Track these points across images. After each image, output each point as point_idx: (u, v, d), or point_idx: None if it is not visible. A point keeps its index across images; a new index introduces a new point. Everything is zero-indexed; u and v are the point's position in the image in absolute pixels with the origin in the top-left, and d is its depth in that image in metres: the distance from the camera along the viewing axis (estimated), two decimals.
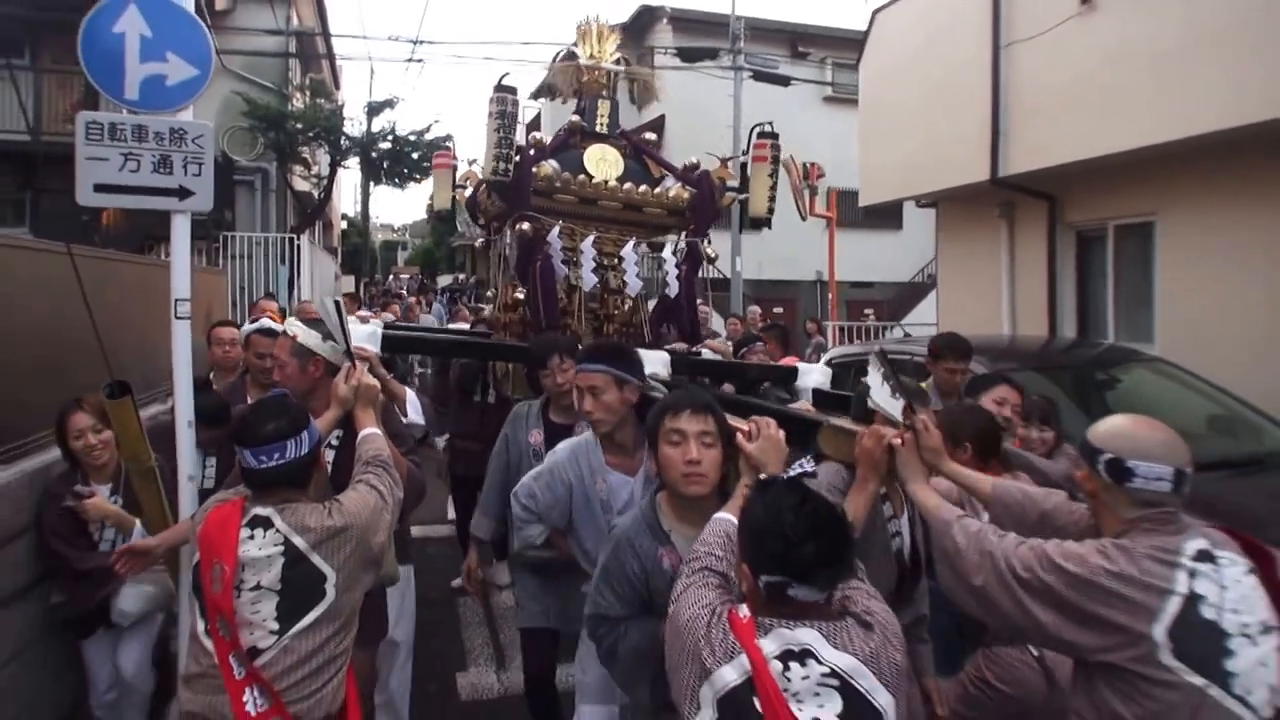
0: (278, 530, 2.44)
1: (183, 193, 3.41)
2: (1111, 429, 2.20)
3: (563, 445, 3.43)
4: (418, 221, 67.31)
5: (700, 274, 5.39)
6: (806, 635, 1.85)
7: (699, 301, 5.77)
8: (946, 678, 3.25)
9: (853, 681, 1.81)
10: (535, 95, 30.00)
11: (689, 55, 18.36)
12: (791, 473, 2.30)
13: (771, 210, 5.26)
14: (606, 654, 2.55)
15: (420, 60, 41.38)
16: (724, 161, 5.43)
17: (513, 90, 4.74)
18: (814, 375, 4.91)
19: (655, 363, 4.03)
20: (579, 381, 3.23)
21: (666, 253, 4.97)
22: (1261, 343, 6.60)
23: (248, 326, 4.58)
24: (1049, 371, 5.91)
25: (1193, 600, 2.01)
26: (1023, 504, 2.57)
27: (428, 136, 19.24)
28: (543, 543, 3.42)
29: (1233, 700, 1.97)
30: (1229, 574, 2.05)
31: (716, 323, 10.32)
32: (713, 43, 19.27)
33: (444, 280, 43.30)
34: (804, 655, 1.83)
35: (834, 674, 1.81)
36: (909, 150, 10.63)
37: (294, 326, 3.31)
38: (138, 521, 3.57)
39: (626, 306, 5.16)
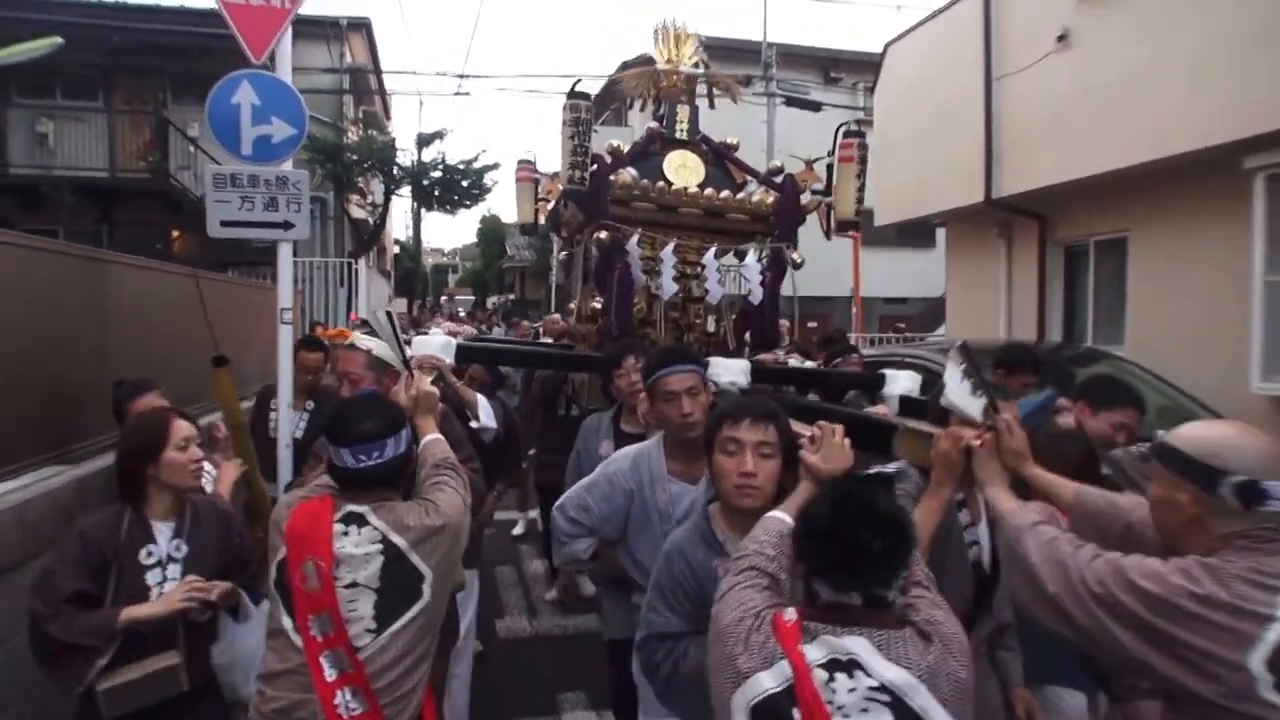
0: (374, 528, 2.38)
1: (286, 225, 4.38)
2: (1227, 442, 1.87)
3: (622, 453, 3.33)
4: (467, 245, 67.67)
5: (785, 280, 5.12)
6: (856, 644, 1.70)
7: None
8: (1041, 685, 3.04)
9: (905, 698, 1.66)
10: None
11: (723, 89, 19.30)
12: (874, 470, 2.31)
13: (859, 213, 5.05)
14: (665, 681, 2.41)
15: (467, 93, 42.44)
16: (809, 164, 5.28)
17: (586, 97, 4.63)
18: (901, 382, 4.72)
19: (736, 371, 4.02)
20: (674, 385, 3.05)
21: (750, 259, 4.76)
22: (1210, 346, 7.17)
23: None
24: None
25: None
26: (1108, 513, 2.31)
27: (476, 165, 20.34)
28: (589, 558, 3.31)
29: None
30: None
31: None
32: (746, 69, 19.75)
33: (492, 300, 43.51)
34: (851, 666, 1.69)
35: (884, 688, 1.67)
36: (916, 173, 11.35)
37: (366, 341, 3.47)
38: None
39: (709, 315, 4.99)
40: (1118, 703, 3.01)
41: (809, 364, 5.68)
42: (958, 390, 2.55)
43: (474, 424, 3.88)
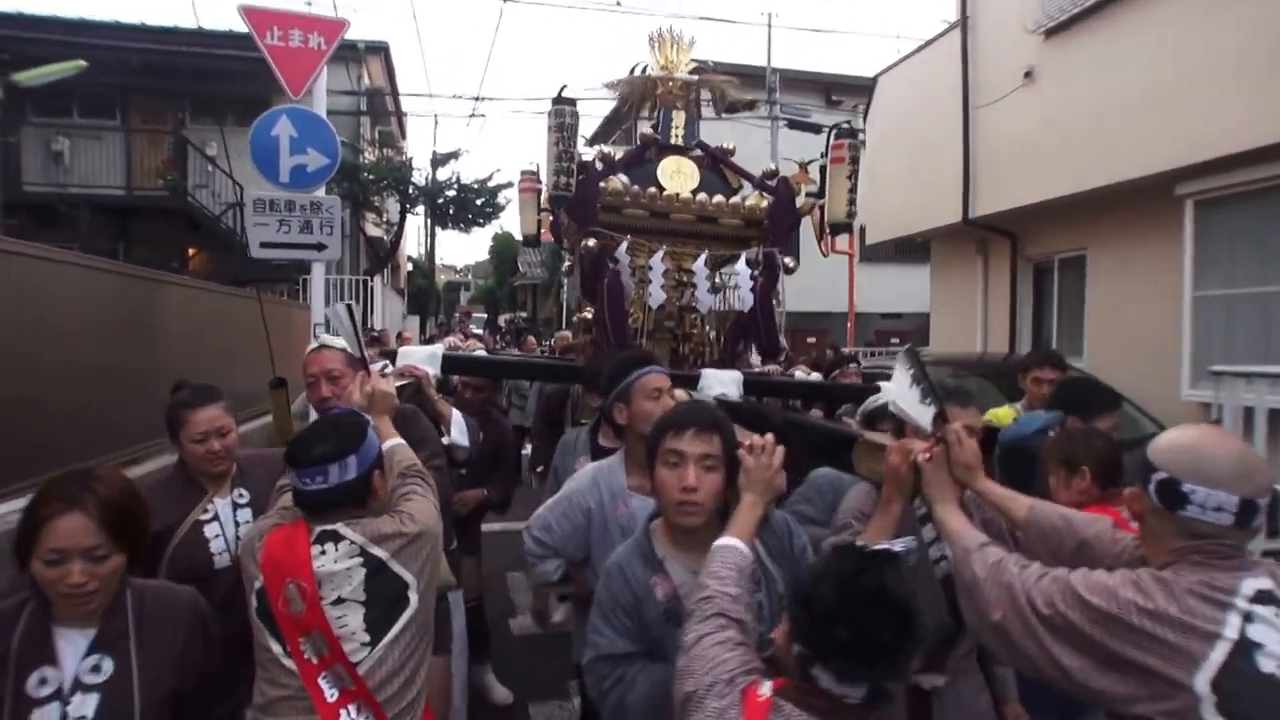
0: (351, 542, 2.31)
1: (319, 247, 4.99)
2: (1174, 442, 1.81)
3: (584, 470, 3.27)
4: (480, 262, 67.44)
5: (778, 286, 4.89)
6: None
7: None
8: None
9: None
10: (591, 142, 31.65)
11: (729, 107, 19.93)
12: (879, 546, 1.96)
13: (852, 214, 4.85)
14: (614, 709, 2.23)
15: (482, 115, 42.89)
16: (803, 166, 5.33)
17: (571, 102, 4.52)
18: (899, 379, 4.36)
19: (726, 383, 3.94)
20: (651, 383, 3.05)
21: (740, 264, 4.59)
22: (1151, 357, 7.71)
23: None
24: (992, 377, 7.43)
25: (1244, 647, 1.66)
26: (1061, 530, 2.20)
27: (490, 184, 20.96)
28: (560, 578, 3.21)
29: None
30: None
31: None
32: (751, 93, 20.72)
33: (504, 319, 44.00)
34: None
35: None
36: (904, 194, 11.94)
37: (339, 340, 3.38)
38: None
39: (704, 324, 4.86)
40: None
41: (815, 375, 5.42)
42: (906, 397, 2.43)
43: (445, 439, 3.69)
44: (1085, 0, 8.31)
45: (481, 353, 5.39)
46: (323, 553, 2.27)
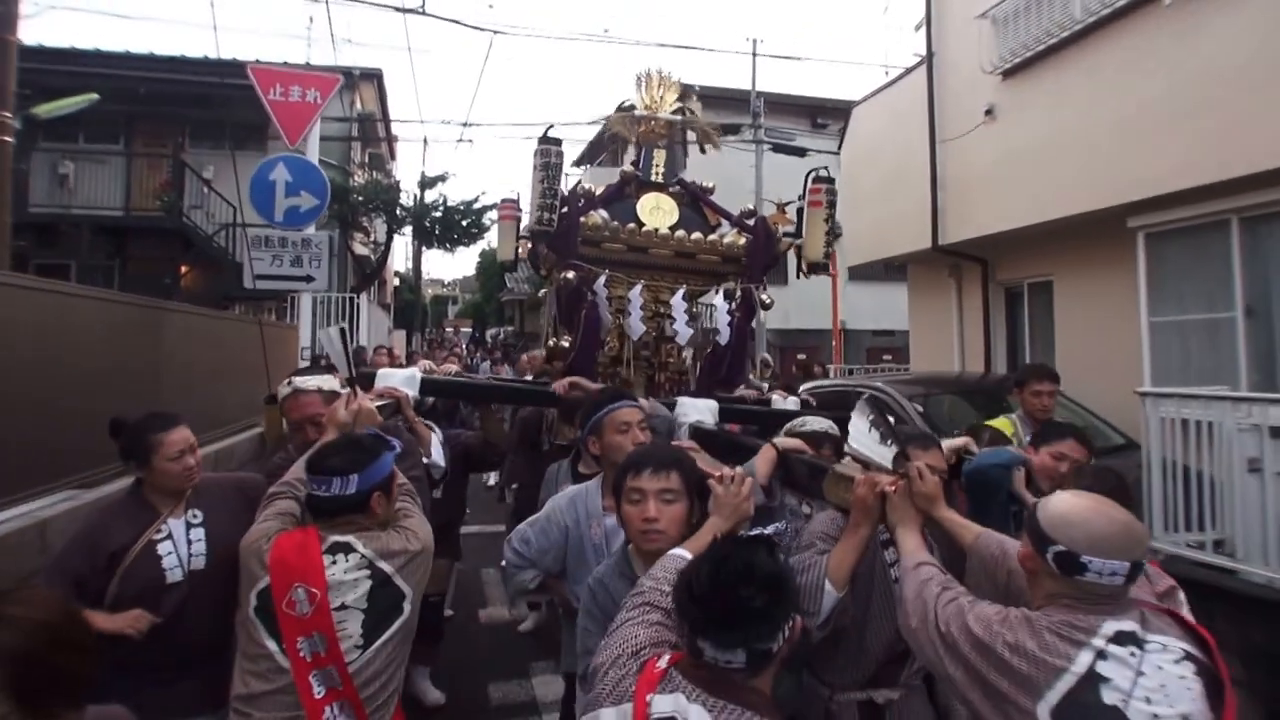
0: (362, 555, 2.52)
1: (308, 279, 5.40)
2: (1067, 517, 1.98)
3: (564, 491, 3.47)
4: (467, 277, 67.57)
5: (755, 321, 5.11)
6: (694, 712, 1.69)
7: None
8: None
9: None
10: (577, 163, 32.00)
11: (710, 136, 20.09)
12: (753, 532, 2.33)
13: (828, 255, 5.11)
14: None
15: (470, 140, 43.39)
16: (780, 207, 5.41)
17: (557, 142, 4.69)
18: (857, 424, 4.17)
19: (703, 410, 4.08)
20: (626, 416, 3.26)
21: (719, 299, 4.83)
22: (1116, 376, 7.86)
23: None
24: (965, 394, 8.04)
25: (1091, 681, 1.82)
26: (998, 558, 2.41)
27: (476, 206, 21.20)
28: (536, 587, 3.41)
29: None
30: (1153, 660, 1.83)
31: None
32: (739, 116, 20.74)
33: (491, 333, 43.66)
34: None
35: None
36: (878, 219, 12.32)
37: (311, 381, 3.59)
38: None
39: (681, 355, 5.05)
40: None
41: (792, 399, 5.45)
42: (865, 440, 2.69)
43: (424, 460, 3.82)
44: (1036, 45, 8.74)
45: (452, 369, 5.51)
46: (334, 562, 2.48)
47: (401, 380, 4.01)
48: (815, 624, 2.48)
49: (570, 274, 4.62)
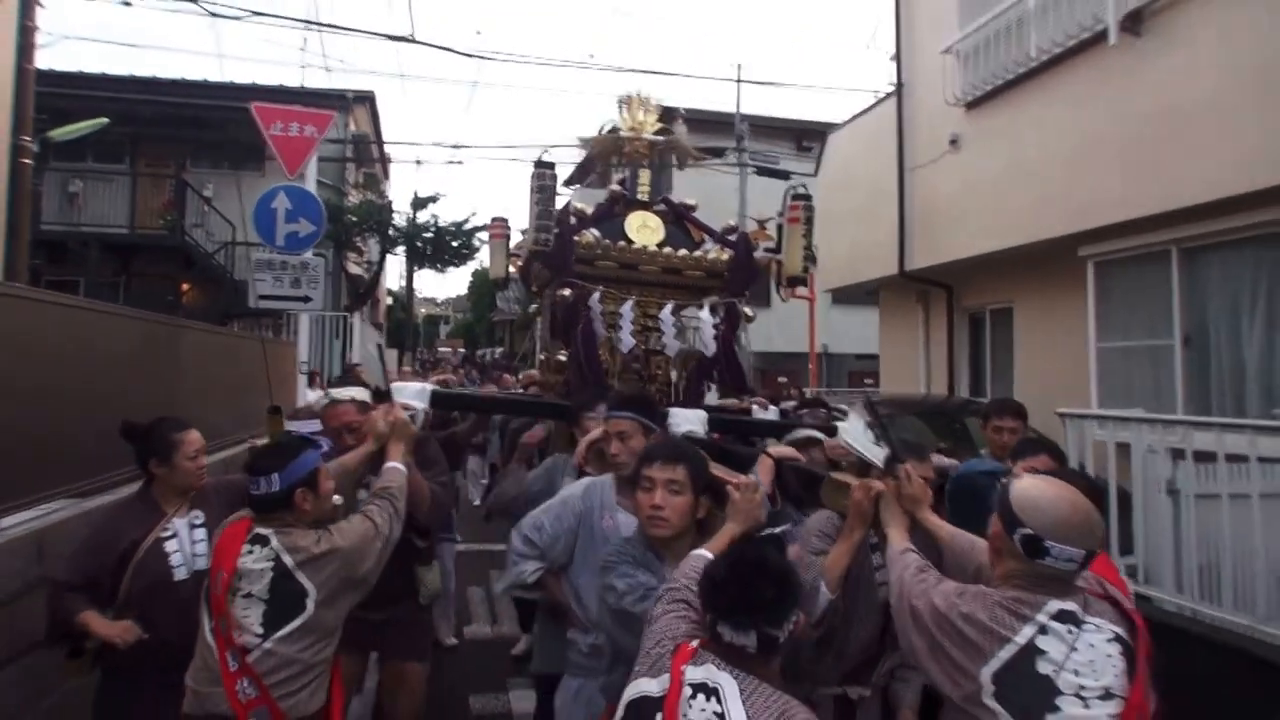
0: (272, 548, 2.70)
1: (306, 299, 5.82)
2: (1036, 500, 2.18)
3: (579, 482, 3.61)
4: (459, 296, 68.34)
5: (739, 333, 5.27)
6: (723, 678, 1.99)
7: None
8: None
9: None
10: (567, 183, 32.38)
11: (691, 155, 20.18)
12: (765, 532, 2.63)
13: (807, 269, 5.34)
14: (633, 612, 2.62)
15: (460, 162, 43.52)
16: (761, 224, 5.57)
17: (551, 166, 4.89)
18: (854, 425, 4.53)
19: (693, 421, 4.17)
20: (610, 427, 3.47)
21: (704, 313, 4.98)
22: (1069, 400, 7.86)
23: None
24: (923, 416, 8.26)
25: (1030, 652, 2.04)
26: (968, 553, 2.65)
27: (466, 226, 21.64)
28: (532, 583, 3.46)
29: None
30: (1086, 639, 2.05)
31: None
32: (724, 139, 21.15)
33: (482, 354, 43.75)
34: (712, 692, 1.98)
35: (722, 717, 1.94)
36: (851, 245, 12.63)
37: (346, 392, 3.81)
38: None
39: (668, 367, 5.17)
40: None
41: (772, 409, 5.66)
42: (860, 438, 2.98)
43: None
44: (995, 80, 9.20)
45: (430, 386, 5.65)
46: (249, 552, 2.70)
47: (413, 394, 4.14)
48: (810, 623, 2.69)
49: (567, 291, 4.81)
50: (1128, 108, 7.46)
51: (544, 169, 4.81)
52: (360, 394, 3.80)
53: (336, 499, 3.10)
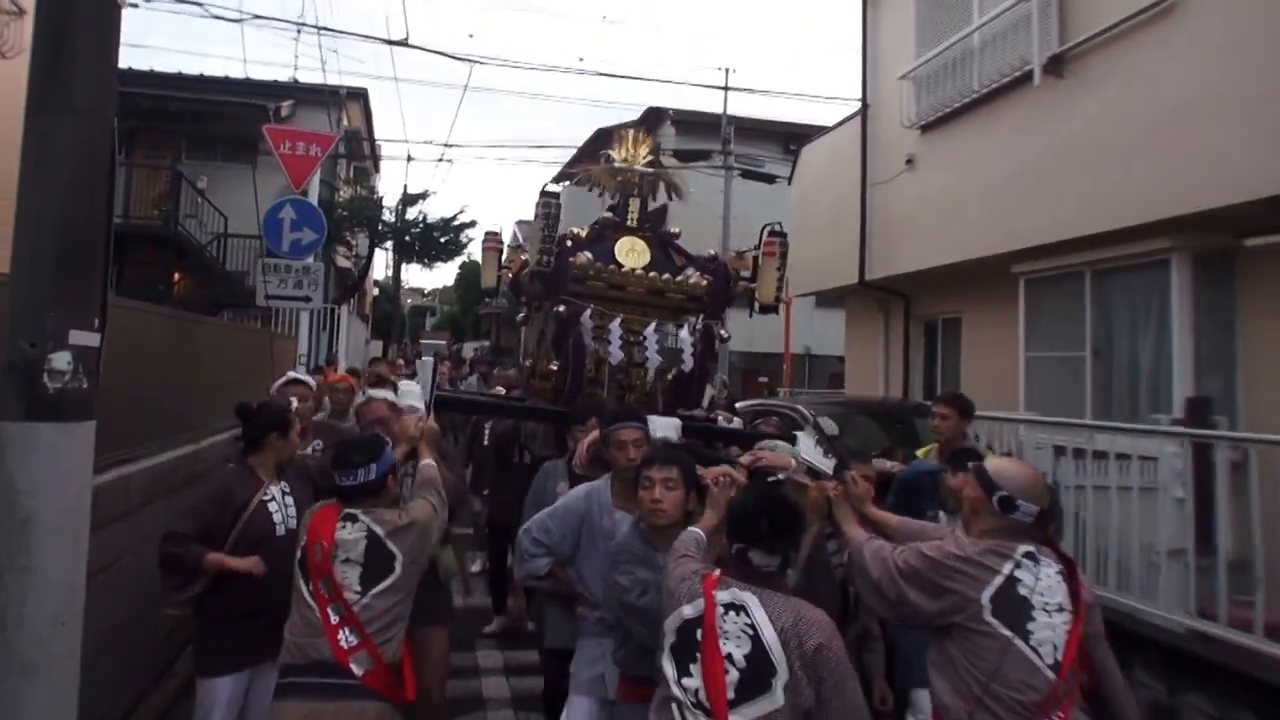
0: (362, 523, 3.19)
1: (307, 299, 6.53)
2: (1004, 472, 2.88)
3: (579, 488, 4.03)
4: (446, 287, 68.17)
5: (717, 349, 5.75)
6: (748, 598, 2.48)
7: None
8: (910, 688, 3.98)
9: (762, 636, 2.42)
10: (555, 180, 32.85)
11: (684, 156, 20.20)
12: (773, 478, 3.26)
13: (779, 299, 5.84)
14: (642, 606, 3.11)
15: (450, 160, 42.97)
16: (740, 254, 5.98)
17: (556, 195, 5.27)
18: (805, 442, 4.89)
19: (668, 427, 4.44)
20: (624, 436, 3.84)
21: (684, 333, 5.38)
22: (1005, 405, 8.43)
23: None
24: (875, 417, 8.78)
25: (1011, 581, 2.67)
26: (919, 535, 3.21)
27: (455, 223, 22.15)
28: (545, 575, 3.88)
29: (1028, 649, 2.62)
30: (1044, 571, 2.70)
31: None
32: (711, 141, 21.62)
33: (472, 346, 43.91)
34: (740, 609, 2.47)
35: (752, 627, 2.43)
36: (821, 253, 13.16)
37: (379, 393, 4.70)
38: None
39: (647, 379, 5.45)
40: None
41: (736, 420, 6.53)
42: (812, 453, 3.62)
43: None
44: (944, 107, 9.94)
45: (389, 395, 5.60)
46: (343, 527, 3.18)
47: (416, 396, 4.50)
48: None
49: (562, 307, 5.20)
50: (1052, 141, 8.19)
51: (549, 198, 5.21)
52: (391, 396, 4.52)
53: None
